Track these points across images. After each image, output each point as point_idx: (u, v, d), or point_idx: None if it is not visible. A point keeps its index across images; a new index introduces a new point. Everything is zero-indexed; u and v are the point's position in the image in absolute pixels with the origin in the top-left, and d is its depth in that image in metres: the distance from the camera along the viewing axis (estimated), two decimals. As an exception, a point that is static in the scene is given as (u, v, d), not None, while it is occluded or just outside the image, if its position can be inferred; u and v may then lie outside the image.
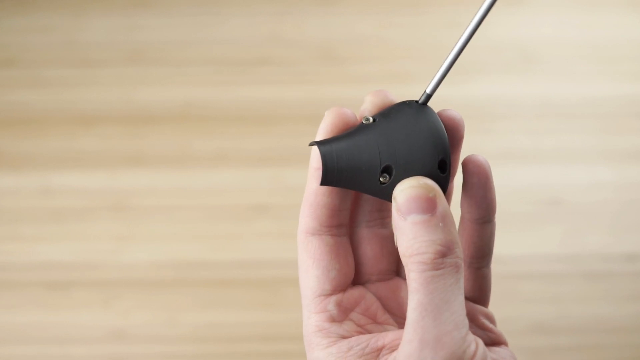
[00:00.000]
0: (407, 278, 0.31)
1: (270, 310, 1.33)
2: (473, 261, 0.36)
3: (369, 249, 0.36)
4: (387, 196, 0.33)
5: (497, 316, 0.31)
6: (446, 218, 0.31)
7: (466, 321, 0.30)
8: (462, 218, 0.36)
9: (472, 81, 1.46)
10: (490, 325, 0.37)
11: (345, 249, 0.35)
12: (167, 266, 1.38)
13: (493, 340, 0.36)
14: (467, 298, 0.37)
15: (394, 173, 0.32)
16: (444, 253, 0.30)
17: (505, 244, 1.35)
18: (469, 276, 0.37)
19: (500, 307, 1.41)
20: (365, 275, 0.36)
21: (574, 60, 1.49)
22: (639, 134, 1.44)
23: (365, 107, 0.34)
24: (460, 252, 0.31)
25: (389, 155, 0.32)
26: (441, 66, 0.34)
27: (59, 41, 1.47)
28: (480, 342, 0.31)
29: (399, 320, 0.36)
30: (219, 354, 1.33)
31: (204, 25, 1.49)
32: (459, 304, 0.30)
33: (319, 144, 0.33)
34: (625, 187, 1.41)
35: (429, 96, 0.34)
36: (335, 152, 0.33)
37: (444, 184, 0.33)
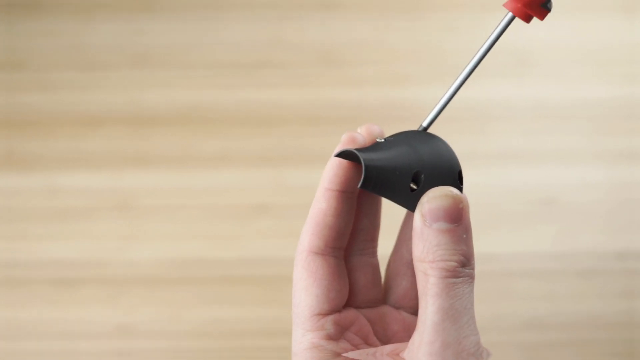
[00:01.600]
0: (420, 282, 0.32)
1: (272, 306, 1.35)
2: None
3: (362, 277, 0.37)
4: (412, 204, 0.33)
5: (491, 312, 0.33)
6: (469, 230, 0.32)
7: (477, 329, 0.32)
8: (400, 255, 0.38)
9: (467, 84, 1.45)
10: None
11: (344, 271, 0.36)
12: (171, 264, 1.39)
13: None
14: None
15: (422, 181, 0.33)
16: (464, 263, 0.31)
17: (500, 242, 1.35)
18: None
19: (494, 303, 1.42)
20: (354, 303, 0.36)
21: (568, 64, 1.48)
22: (630, 135, 1.44)
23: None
24: (474, 265, 0.32)
25: (418, 164, 0.33)
26: (438, 102, 0.36)
27: (66, 45, 1.46)
28: (490, 352, 0.33)
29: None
30: (222, 349, 1.35)
31: (207, 29, 1.47)
32: (473, 312, 0.31)
33: (358, 151, 0.33)
34: (617, 187, 1.42)
35: (425, 129, 0.36)
36: (372, 158, 0.33)
37: None
